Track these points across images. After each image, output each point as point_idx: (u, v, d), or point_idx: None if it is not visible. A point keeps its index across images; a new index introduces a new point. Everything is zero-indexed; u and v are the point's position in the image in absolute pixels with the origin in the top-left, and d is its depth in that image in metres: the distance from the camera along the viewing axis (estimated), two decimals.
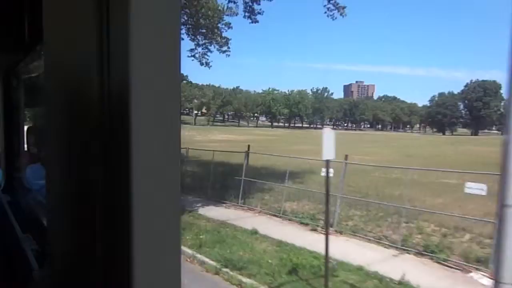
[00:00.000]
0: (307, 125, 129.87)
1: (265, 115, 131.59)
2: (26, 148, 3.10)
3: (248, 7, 14.90)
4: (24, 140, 3.09)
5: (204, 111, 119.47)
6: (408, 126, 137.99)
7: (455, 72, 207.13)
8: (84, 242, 0.75)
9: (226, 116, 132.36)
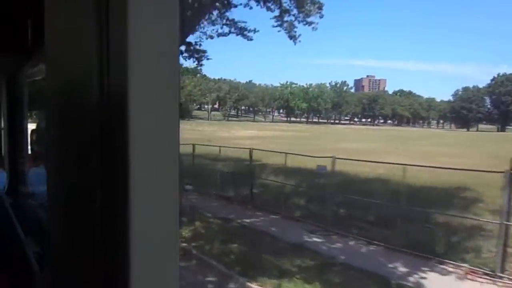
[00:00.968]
0: (324, 120, 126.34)
1: (280, 110, 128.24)
2: (30, 150, 3.10)
3: None
4: (28, 142, 3.11)
5: (216, 106, 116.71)
6: (426, 122, 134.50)
7: (464, 67, 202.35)
8: (83, 244, 0.75)
9: (240, 111, 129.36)
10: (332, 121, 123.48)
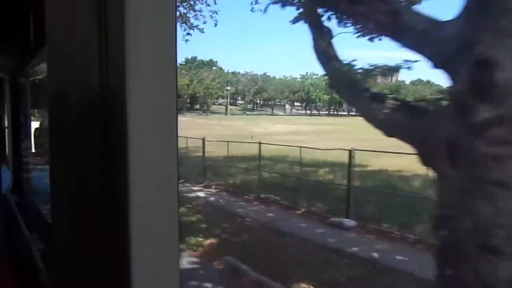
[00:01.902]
0: (345, 112, 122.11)
1: (299, 102, 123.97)
2: (34, 149, 3.12)
3: None
4: (32, 141, 3.12)
5: (234, 100, 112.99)
6: None
7: None
8: (86, 241, 0.76)
9: (257, 105, 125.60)
10: (353, 113, 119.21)
